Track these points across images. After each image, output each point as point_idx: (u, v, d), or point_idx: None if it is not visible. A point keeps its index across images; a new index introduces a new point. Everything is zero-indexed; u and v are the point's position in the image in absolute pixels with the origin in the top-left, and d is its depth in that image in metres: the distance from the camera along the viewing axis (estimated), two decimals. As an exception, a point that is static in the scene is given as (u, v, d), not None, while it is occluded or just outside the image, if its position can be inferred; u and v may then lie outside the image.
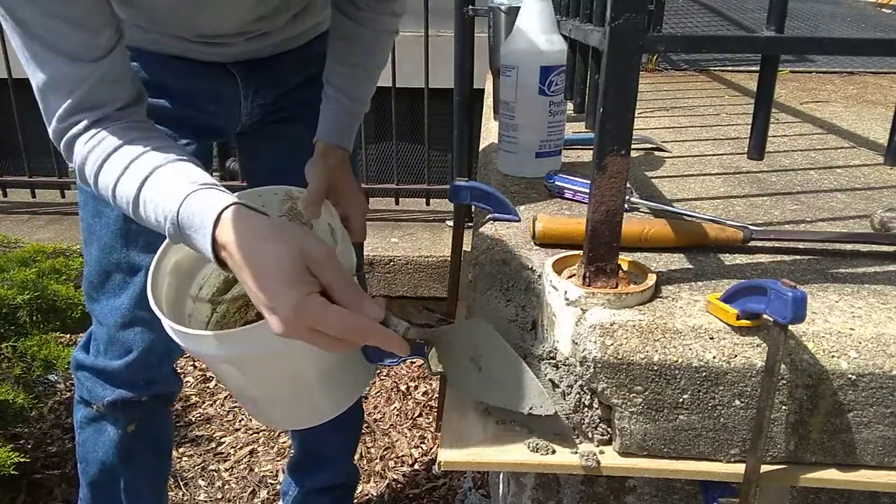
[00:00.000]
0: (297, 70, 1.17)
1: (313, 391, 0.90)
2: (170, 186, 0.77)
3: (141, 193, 0.79)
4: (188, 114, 1.10)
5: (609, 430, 0.73)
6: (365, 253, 2.34)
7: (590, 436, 0.74)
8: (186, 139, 1.10)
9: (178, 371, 2.31)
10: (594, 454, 0.73)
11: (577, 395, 0.74)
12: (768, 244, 0.90)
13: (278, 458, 1.94)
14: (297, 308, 0.66)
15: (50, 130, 0.84)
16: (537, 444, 0.74)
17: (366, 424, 2.06)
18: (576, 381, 0.73)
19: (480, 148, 1.54)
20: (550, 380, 0.77)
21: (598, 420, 0.73)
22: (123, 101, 0.84)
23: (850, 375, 0.67)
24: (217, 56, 1.08)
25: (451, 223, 2.56)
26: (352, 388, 0.94)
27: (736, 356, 0.68)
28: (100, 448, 1.22)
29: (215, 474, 1.89)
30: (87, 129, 0.82)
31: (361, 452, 1.96)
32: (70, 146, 0.83)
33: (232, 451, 1.98)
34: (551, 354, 0.76)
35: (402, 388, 2.24)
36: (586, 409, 0.74)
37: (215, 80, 1.10)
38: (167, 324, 0.82)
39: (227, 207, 0.72)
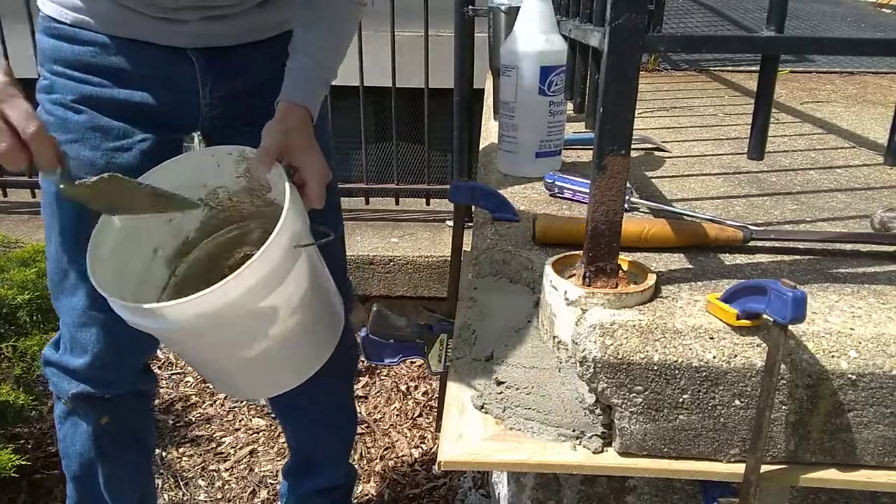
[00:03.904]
0: (259, 65, 1.14)
1: (270, 357, 0.91)
2: None
3: None
4: (143, 103, 1.08)
5: (609, 430, 0.73)
6: (365, 253, 2.34)
7: (590, 436, 0.74)
8: (144, 132, 1.09)
9: (179, 371, 2.31)
10: (594, 454, 0.73)
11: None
12: (768, 244, 0.90)
13: (278, 458, 1.94)
14: None
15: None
16: (537, 444, 0.74)
17: (366, 424, 2.06)
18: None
19: (480, 148, 1.54)
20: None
21: (598, 420, 0.73)
22: None
23: (850, 375, 0.67)
24: (174, 37, 1.06)
25: (451, 223, 2.56)
26: (313, 355, 0.96)
27: (736, 356, 0.68)
28: (77, 441, 1.23)
29: (215, 474, 1.89)
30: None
31: (361, 452, 1.96)
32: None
33: (232, 451, 1.98)
34: (551, 354, 0.76)
35: (402, 388, 2.24)
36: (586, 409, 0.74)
37: (172, 66, 1.08)
38: (109, 299, 0.84)
39: None
